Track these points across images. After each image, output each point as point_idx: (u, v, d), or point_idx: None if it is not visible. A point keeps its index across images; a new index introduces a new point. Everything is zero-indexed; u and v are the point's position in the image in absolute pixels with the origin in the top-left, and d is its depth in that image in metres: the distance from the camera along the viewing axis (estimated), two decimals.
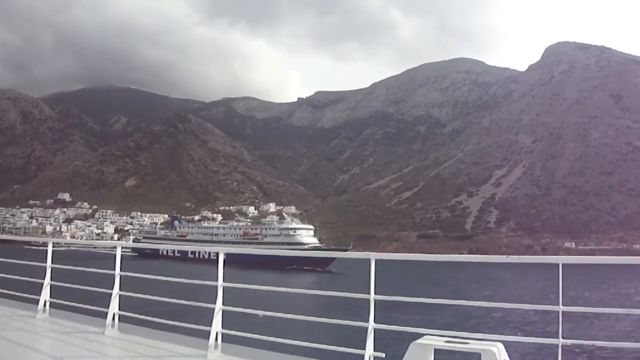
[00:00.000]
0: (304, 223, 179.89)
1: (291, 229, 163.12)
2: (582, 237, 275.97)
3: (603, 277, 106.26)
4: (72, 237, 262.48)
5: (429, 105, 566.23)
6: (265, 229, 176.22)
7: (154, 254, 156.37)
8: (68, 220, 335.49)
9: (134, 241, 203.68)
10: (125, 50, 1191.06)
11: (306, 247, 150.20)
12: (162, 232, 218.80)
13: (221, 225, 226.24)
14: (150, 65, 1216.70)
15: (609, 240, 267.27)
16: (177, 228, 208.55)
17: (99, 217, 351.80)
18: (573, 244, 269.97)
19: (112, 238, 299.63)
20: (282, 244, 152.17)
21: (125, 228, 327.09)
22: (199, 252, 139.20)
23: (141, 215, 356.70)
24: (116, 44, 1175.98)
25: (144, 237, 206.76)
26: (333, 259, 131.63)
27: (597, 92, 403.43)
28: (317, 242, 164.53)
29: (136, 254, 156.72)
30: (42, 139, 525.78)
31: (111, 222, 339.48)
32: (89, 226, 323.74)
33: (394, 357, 7.02)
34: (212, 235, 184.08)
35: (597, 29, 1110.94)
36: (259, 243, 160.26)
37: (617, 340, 36.41)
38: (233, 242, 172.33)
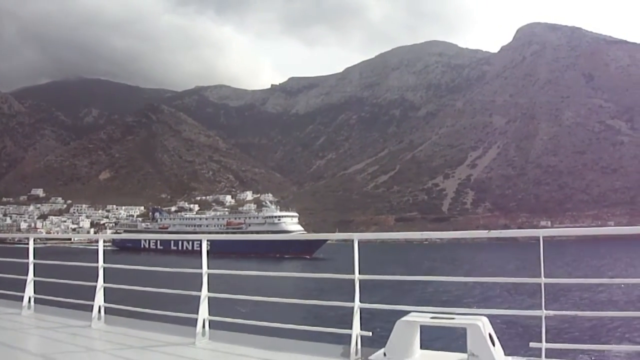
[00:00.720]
0: (284, 211, 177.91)
1: (275, 217, 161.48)
2: (558, 215, 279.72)
3: (578, 255, 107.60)
4: (48, 232, 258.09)
5: (402, 88, 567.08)
6: (249, 217, 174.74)
7: (136, 248, 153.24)
8: (43, 217, 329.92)
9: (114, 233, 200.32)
10: (92, 40, 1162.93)
11: (293, 234, 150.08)
12: (143, 224, 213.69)
13: (204, 215, 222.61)
14: (119, 55, 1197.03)
15: (583, 217, 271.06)
16: (158, 220, 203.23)
17: (74, 212, 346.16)
18: (549, 222, 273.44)
19: (88, 233, 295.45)
20: (267, 232, 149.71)
21: (102, 222, 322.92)
22: (182, 244, 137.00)
23: (117, 208, 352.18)
24: (83, 35, 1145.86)
25: (124, 231, 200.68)
26: (319, 245, 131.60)
27: (569, 72, 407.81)
28: (302, 229, 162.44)
29: (117, 248, 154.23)
30: (13, 134, 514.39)
31: (86, 217, 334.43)
32: (64, 221, 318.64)
33: (381, 335, 7.04)
34: (194, 226, 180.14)
35: (567, 9, 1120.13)
36: (242, 232, 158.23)
37: (599, 309, 36.87)
38: (216, 233, 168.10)
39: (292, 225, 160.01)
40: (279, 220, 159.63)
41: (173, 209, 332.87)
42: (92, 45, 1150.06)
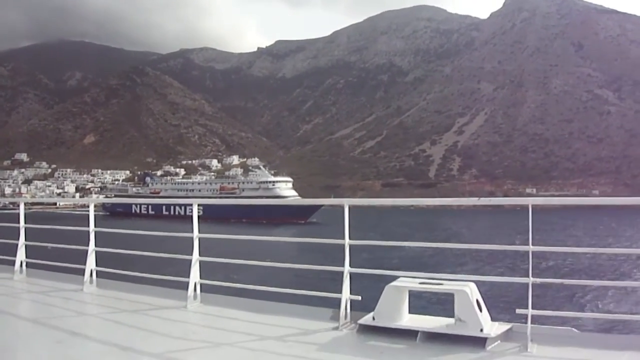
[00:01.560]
0: (278, 176, 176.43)
1: (270, 182, 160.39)
2: (543, 183, 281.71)
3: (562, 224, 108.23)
4: (33, 197, 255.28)
5: (390, 53, 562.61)
6: (243, 182, 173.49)
7: (126, 213, 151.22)
8: (27, 181, 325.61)
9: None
10: (71, 1, 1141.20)
11: (285, 200, 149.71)
12: (134, 189, 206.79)
13: (196, 180, 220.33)
14: (100, 16, 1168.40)
15: (569, 186, 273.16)
16: (150, 185, 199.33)
17: (59, 177, 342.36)
18: (534, 189, 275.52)
19: (73, 197, 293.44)
20: (261, 197, 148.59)
21: (87, 186, 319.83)
22: (174, 209, 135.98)
23: (102, 173, 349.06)
24: None
25: (114, 196, 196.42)
26: (314, 210, 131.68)
27: (558, 41, 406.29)
28: (296, 194, 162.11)
29: (107, 213, 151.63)
30: None
31: (71, 181, 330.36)
32: (49, 186, 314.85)
33: (370, 300, 7.19)
34: (187, 191, 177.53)
35: None
36: (236, 197, 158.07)
37: (585, 278, 37.50)
38: (210, 198, 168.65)
39: (286, 190, 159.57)
40: (273, 185, 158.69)
41: (159, 173, 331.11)
42: (71, 5, 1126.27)
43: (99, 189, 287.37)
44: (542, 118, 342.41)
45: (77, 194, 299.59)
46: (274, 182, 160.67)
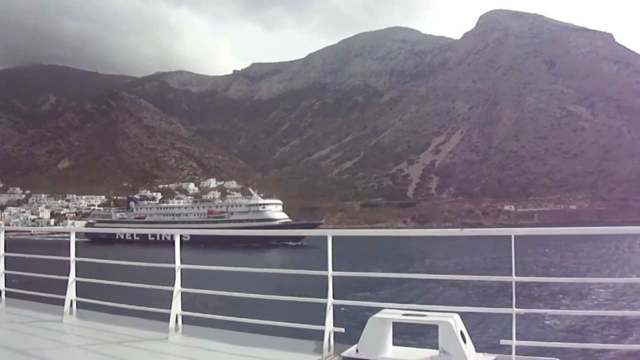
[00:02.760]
0: (264, 199, 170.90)
1: (260, 204, 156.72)
2: (521, 199, 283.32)
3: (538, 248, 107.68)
4: (7, 224, 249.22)
5: (366, 74, 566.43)
6: (232, 206, 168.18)
7: (110, 239, 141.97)
8: (0, 207, 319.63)
9: (87, 226, 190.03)
10: (43, 24, 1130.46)
11: (276, 222, 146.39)
12: (118, 214, 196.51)
13: (183, 204, 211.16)
14: (73, 39, 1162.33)
15: (546, 202, 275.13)
16: (134, 209, 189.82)
17: (33, 202, 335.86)
18: (512, 206, 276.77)
19: (48, 223, 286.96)
20: (251, 220, 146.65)
21: (62, 212, 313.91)
22: (161, 235, 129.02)
23: (77, 198, 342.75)
24: (34, 18, 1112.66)
25: (97, 222, 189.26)
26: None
27: (531, 59, 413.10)
28: (286, 217, 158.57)
29: (88, 239, 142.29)
30: None
31: (46, 207, 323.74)
32: (23, 212, 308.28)
33: (354, 332, 7.05)
34: (173, 215, 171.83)
35: None
36: (225, 221, 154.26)
37: (569, 308, 37.07)
38: (198, 222, 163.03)
39: (276, 212, 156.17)
40: (263, 207, 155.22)
41: (136, 197, 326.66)
42: (44, 29, 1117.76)
43: (75, 214, 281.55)
44: (518, 135, 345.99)
45: (52, 220, 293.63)
46: (264, 204, 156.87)
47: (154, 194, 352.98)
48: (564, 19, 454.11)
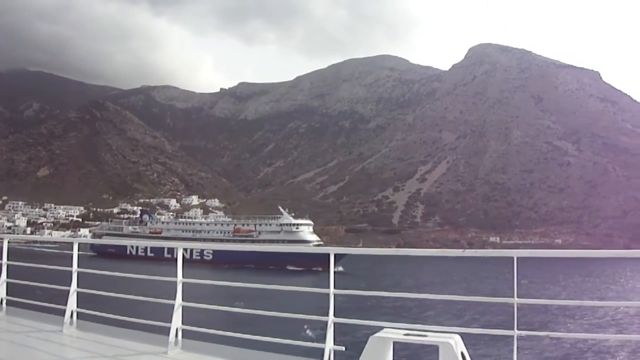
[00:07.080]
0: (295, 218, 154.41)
1: (293, 224, 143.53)
2: (506, 231, 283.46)
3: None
4: None
5: (353, 100, 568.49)
6: (261, 225, 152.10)
7: (120, 254, 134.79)
8: None
9: (93, 237, 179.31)
10: (21, 28, 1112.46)
11: (311, 245, 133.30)
12: (130, 228, 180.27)
13: (205, 220, 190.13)
14: (45, 41, 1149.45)
15: (531, 235, 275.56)
16: (148, 223, 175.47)
17: (9, 209, 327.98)
18: (498, 238, 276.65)
19: (24, 232, 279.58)
20: (282, 241, 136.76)
21: (39, 221, 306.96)
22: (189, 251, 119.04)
23: (55, 207, 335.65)
24: (12, 22, 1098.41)
25: (105, 234, 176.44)
26: (339, 257, 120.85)
27: (519, 93, 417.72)
28: (318, 239, 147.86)
29: (94, 253, 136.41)
30: None
31: (23, 215, 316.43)
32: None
33: (354, 351, 7.01)
34: (193, 232, 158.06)
35: (518, 32, 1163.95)
36: (253, 241, 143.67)
37: (570, 331, 35.95)
38: (222, 240, 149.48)
39: (309, 234, 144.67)
40: (297, 228, 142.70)
41: (115, 210, 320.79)
42: (18, 30, 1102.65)
43: (52, 224, 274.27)
44: (504, 168, 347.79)
45: (29, 229, 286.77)
46: (297, 224, 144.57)
47: (135, 207, 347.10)
48: (552, 56, 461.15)
